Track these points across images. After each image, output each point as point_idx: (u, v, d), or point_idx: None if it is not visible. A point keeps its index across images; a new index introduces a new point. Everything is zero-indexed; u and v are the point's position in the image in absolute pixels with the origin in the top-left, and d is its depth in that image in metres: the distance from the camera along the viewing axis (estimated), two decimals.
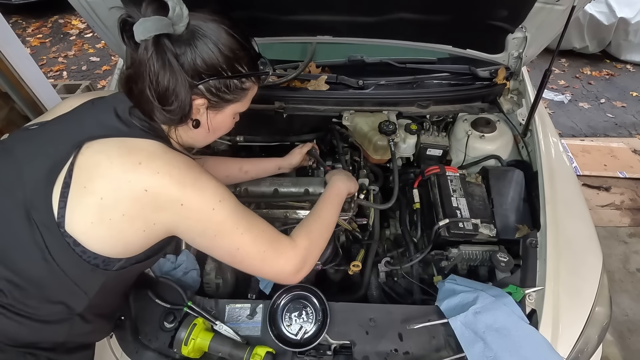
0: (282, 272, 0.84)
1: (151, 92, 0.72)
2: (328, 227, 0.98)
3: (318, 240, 0.93)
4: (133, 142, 0.75)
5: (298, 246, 0.85)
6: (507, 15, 1.23)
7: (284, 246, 0.83)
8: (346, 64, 1.64)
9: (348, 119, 1.53)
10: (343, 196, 1.11)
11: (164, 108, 0.75)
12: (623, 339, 2.01)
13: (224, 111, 0.85)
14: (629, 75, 4.43)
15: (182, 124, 0.81)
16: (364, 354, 0.95)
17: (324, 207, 1.02)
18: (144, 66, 0.70)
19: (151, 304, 1.01)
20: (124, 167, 0.71)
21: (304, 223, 0.94)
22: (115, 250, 0.74)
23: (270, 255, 0.81)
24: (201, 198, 0.74)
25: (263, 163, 1.34)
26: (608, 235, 2.55)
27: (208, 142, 0.93)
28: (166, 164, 0.73)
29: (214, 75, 0.76)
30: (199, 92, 0.78)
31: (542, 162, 1.28)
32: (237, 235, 0.78)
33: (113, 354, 0.96)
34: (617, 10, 4.19)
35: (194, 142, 0.90)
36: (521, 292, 1.00)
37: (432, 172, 1.32)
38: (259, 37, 1.41)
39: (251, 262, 0.81)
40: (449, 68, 1.61)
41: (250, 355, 0.91)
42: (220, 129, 0.89)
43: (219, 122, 0.86)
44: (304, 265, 0.86)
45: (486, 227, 1.18)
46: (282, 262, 0.82)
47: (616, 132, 3.58)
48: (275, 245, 0.82)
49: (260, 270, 0.83)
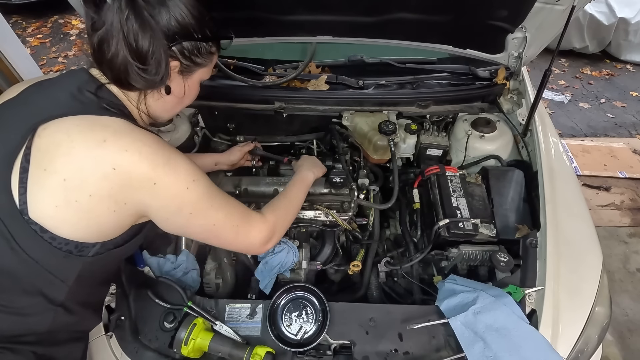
0: (253, 243, 0.89)
1: (130, 53, 0.71)
2: (294, 205, 1.07)
3: (285, 215, 1.00)
4: (94, 119, 0.72)
5: (267, 219, 0.91)
6: (507, 15, 1.23)
7: (255, 219, 0.89)
8: (346, 64, 1.64)
9: (348, 119, 1.53)
10: (309, 180, 1.19)
11: (142, 68, 0.73)
12: (623, 339, 2.01)
13: (192, 76, 0.86)
14: (629, 75, 4.43)
15: (158, 87, 0.80)
16: (364, 354, 0.95)
17: (291, 189, 1.10)
18: (121, 27, 0.68)
19: (151, 304, 1.01)
20: (88, 144, 0.68)
21: (272, 201, 1.01)
22: (87, 234, 0.72)
23: (243, 229, 0.86)
24: (175, 177, 0.73)
25: (199, 158, 1.34)
26: (608, 235, 2.55)
27: (175, 112, 0.93)
28: (135, 140, 0.71)
29: (187, 37, 0.77)
30: (174, 54, 0.78)
31: (542, 162, 1.28)
32: (213, 212, 0.80)
33: (113, 354, 0.96)
34: (617, 10, 4.20)
35: (162, 113, 0.88)
36: (521, 292, 1.00)
37: (432, 172, 1.32)
38: (259, 37, 1.43)
39: (226, 237, 0.85)
40: (449, 68, 1.61)
41: (250, 355, 0.90)
42: (188, 97, 0.90)
43: (189, 88, 0.87)
44: (272, 235, 0.92)
45: (486, 227, 1.18)
46: (254, 234, 0.88)
47: (616, 132, 3.58)
48: (247, 219, 0.87)
49: (233, 242, 0.87)
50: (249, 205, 1.29)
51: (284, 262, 1.16)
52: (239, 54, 1.63)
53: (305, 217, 1.30)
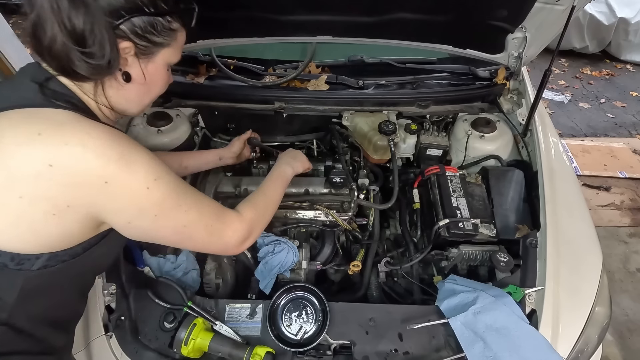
0: (229, 243, 0.82)
1: (67, 36, 0.62)
2: (272, 202, 1.00)
3: (263, 212, 0.93)
4: (34, 112, 0.64)
5: (244, 218, 0.84)
6: (507, 15, 1.23)
7: (231, 218, 0.82)
8: (346, 64, 1.64)
9: (348, 119, 1.53)
10: (288, 175, 1.12)
11: (84, 52, 0.64)
12: (623, 339, 2.01)
13: (155, 59, 0.75)
14: (629, 75, 4.44)
15: (110, 73, 0.70)
16: (364, 354, 0.95)
17: (268, 185, 1.03)
18: (51, 6, 0.60)
19: (151, 304, 1.01)
20: (17, 139, 0.60)
21: (249, 198, 0.94)
22: (25, 244, 0.62)
23: (217, 228, 0.79)
24: (131, 175, 0.65)
25: (203, 155, 1.29)
26: (608, 235, 2.55)
27: (145, 103, 0.82)
28: (78, 132, 0.62)
29: (136, 12, 0.67)
30: (123, 33, 0.68)
31: (542, 162, 1.28)
32: (182, 213, 0.72)
33: (113, 354, 0.96)
34: (617, 10, 4.20)
35: (127, 104, 0.78)
36: (521, 292, 1.00)
37: (432, 172, 1.32)
38: (258, 37, 1.43)
39: (199, 238, 0.77)
40: (449, 68, 1.61)
41: (250, 355, 0.90)
42: (155, 83, 0.79)
43: (152, 73, 0.76)
44: (249, 235, 0.86)
45: (486, 227, 1.18)
46: (229, 234, 0.81)
47: (616, 132, 3.58)
48: (222, 218, 0.80)
49: (207, 244, 0.80)
50: None
51: (284, 262, 1.16)
52: (239, 54, 1.63)
53: (305, 217, 1.31)
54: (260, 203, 0.94)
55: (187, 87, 1.53)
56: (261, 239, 1.22)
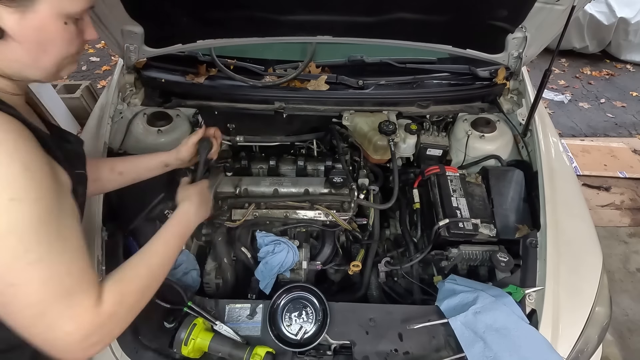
0: (60, 344, 0.55)
1: None
2: (157, 274, 0.73)
3: (136, 297, 0.66)
4: None
5: (101, 309, 0.58)
6: (507, 15, 1.23)
7: (82, 303, 0.56)
8: (346, 64, 1.64)
9: (348, 119, 1.53)
10: (191, 226, 0.89)
11: None
12: (623, 339, 2.01)
13: (37, 10, 0.57)
14: (629, 75, 4.44)
15: None
16: (364, 354, 0.95)
17: (159, 244, 0.77)
18: None
19: (151, 304, 1.00)
20: None
21: (124, 266, 0.68)
22: None
23: (55, 311, 0.53)
24: None
25: (143, 160, 1.05)
26: (608, 235, 2.55)
27: (44, 65, 0.64)
28: None
29: None
30: None
31: (542, 162, 1.28)
32: (22, 262, 0.51)
33: (113, 354, 0.95)
34: (617, 10, 4.20)
35: (21, 67, 0.62)
36: (521, 292, 1.01)
37: (432, 172, 1.32)
38: (258, 37, 1.43)
39: (20, 314, 0.53)
40: (449, 68, 1.61)
41: (250, 355, 0.90)
42: (50, 40, 0.61)
43: (37, 26, 0.58)
44: (100, 338, 0.58)
45: (486, 227, 1.18)
46: (67, 328, 0.54)
47: (616, 132, 3.58)
48: (71, 297, 0.55)
49: (27, 329, 0.54)
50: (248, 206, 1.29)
51: (284, 262, 1.16)
52: (239, 54, 1.63)
53: (305, 217, 1.31)
54: (135, 281, 0.67)
55: (187, 87, 1.53)
56: (261, 239, 1.22)
